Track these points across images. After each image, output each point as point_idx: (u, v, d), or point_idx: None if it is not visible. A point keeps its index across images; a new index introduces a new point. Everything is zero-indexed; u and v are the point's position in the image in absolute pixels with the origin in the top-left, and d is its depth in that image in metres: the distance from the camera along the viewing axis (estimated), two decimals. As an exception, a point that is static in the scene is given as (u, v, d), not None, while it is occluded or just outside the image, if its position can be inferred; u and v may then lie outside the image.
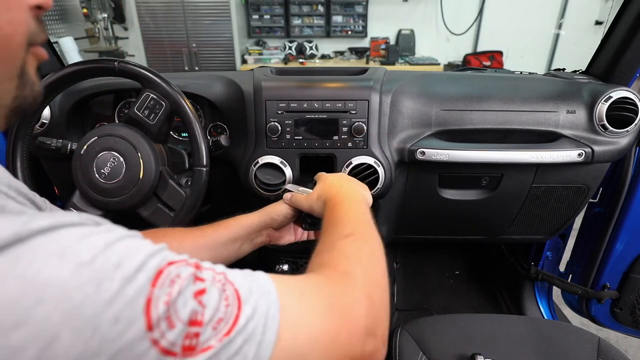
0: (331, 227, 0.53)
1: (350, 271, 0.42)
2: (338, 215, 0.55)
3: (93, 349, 0.24)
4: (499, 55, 3.98)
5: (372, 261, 0.46)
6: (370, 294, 0.40)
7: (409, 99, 0.92)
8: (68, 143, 0.84)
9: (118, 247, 0.28)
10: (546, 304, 1.34)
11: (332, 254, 0.46)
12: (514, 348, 0.81)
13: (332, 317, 0.36)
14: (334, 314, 0.36)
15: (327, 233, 0.52)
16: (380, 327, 0.39)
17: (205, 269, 0.32)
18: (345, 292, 0.39)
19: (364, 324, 0.37)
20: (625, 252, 1.05)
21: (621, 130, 0.88)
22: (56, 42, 2.95)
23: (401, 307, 1.49)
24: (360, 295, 0.39)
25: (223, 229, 0.68)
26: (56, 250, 0.25)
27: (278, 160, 0.88)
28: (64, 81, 0.79)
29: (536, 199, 1.01)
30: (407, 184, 0.99)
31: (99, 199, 0.79)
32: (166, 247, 0.32)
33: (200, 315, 0.28)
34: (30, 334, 0.22)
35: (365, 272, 0.43)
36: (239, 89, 0.92)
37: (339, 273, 0.42)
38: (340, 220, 0.53)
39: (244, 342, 0.30)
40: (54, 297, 0.23)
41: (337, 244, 0.48)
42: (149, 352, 0.26)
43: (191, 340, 0.27)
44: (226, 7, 3.59)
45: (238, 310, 0.31)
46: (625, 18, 0.90)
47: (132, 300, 0.26)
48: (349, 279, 0.41)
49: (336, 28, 4.07)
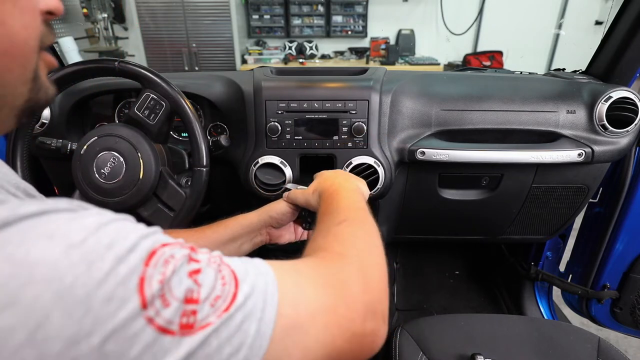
0: (325, 216, 0.53)
1: (345, 253, 0.43)
2: (332, 205, 0.55)
3: (86, 330, 0.23)
4: (499, 55, 3.98)
5: (367, 243, 0.47)
6: (365, 272, 0.41)
7: (409, 99, 0.92)
8: (68, 143, 0.84)
9: (110, 228, 0.28)
10: (546, 304, 1.34)
11: (326, 239, 0.47)
12: (514, 348, 0.81)
13: (329, 291, 0.36)
14: (330, 289, 0.37)
15: (322, 221, 0.53)
16: (379, 306, 0.39)
17: (200, 252, 0.32)
18: (341, 270, 0.40)
19: (362, 299, 0.38)
20: (625, 252, 1.05)
21: (621, 130, 0.88)
22: (56, 42, 2.94)
23: (401, 307, 1.49)
24: (355, 273, 0.40)
25: (222, 229, 0.68)
26: (45, 232, 0.25)
27: (278, 160, 0.88)
28: (64, 81, 0.79)
29: (536, 199, 1.01)
30: (407, 184, 0.99)
31: (99, 199, 0.79)
32: (160, 230, 0.31)
33: (196, 294, 0.28)
34: (21, 315, 0.22)
35: (359, 254, 0.44)
36: (239, 89, 0.92)
37: (333, 254, 0.43)
38: (335, 209, 0.54)
39: (244, 318, 0.30)
40: (44, 278, 0.23)
41: (332, 229, 0.48)
42: (145, 331, 0.25)
43: (188, 318, 0.27)
44: (226, 7, 3.59)
45: (235, 288, 0.31)
46: (625, 18, 0.90)
47: (124, 280, 0.25)
48: (343, 258, 0.42)
49: (336, 28, 4.07)
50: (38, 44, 0.35)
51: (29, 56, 0.34)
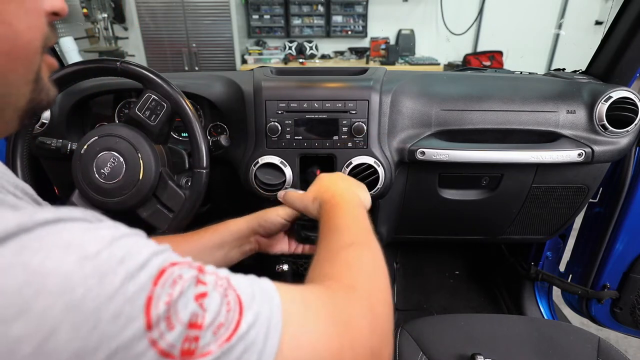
0: (330, 234, 0.51)
1: (354, 285, 0.41)
2: (336, 221, 0.54)
3: (91, 345, 0.23)
4: (499, 55, 3.98)
5: (376, 273, 0.45)
6: (374, 310, 0.40)
7: (409, 99, 0.92)
8: (68, 143, 0.84)
9: (123, 243, 0.28)
10: (546, 304, 1.34)
11: (333, 265, 0.45)
12: (514, 348, 0.81)
13: (336, 330, 0.35)
14: (337, 327, 0.35)
15: (327, 241, 0.51)
16: (385, 350, 0.38)
17: (208, 272, 0.32)
18: (350, 305, 0.38)
19: (369, 343, 0.37)
20: (625, 252, 1.05)
21: (621, 130, 0.88)
22: (56, 42, 2.95)
23: (401, 307, 1.49)
24: (364, 311, 0.38)
25: (209, 235, 0.66)
26: (62, 241, 0.25)
27: (278, 160, 0.88)
28: (65, 81, 0.79)
29: (536, 199, 1.01)
30: (407, 184, 0.99)
31: (99, 199, 0.79)
32: (170, 248, 0.31)
33: (200, 319, 0.28)
34: (31, 325, 0.22)
35: (369, 286, 0.42)
36: (239, 89, 0.92)
37: (342, 285, 0.41)
38: (340, 228, 0.52)
39: (245, 349, 0.29)
40: (56, 288, 0.23)
41: (340, 254, 0.47)
42: (147, 353, 0.25)
43: (190, 344, 0.27)
44: (226, 7, 3.59)
45: (240, 315, 0.30)
46: (625, 18, 0.90)
47: (133, 298, 0.25)
48: (352, 292, 0.40)
49: (336, 28, 4.07)
50: (42, 45, 0.35)
51: (33, 57, 0.34)
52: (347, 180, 0.67)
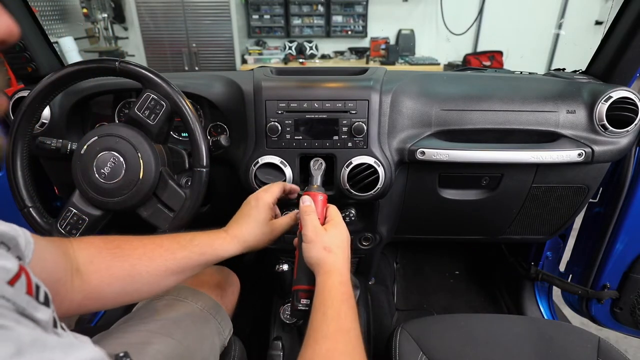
0: (325, 317, 0.55)
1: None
2: (334, 305, 0.56)
3: None
4: (499, 55, 3.99)
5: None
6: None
7: (409, 99, 0.92)
8: (68, 143, 0.84)
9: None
10: (546, 304, 1.34)
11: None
12: (514, 348, 0.81)
13: None
14: None
15: (322, 322, 0.54)
16: None
17: None
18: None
19: None
20: (625, 252, 1.05)
21: (621, 130, 0.88)
22: (56, 42, 2.95)
23: (401, 307, 1.49)
24: None
25: (196, 257, 0.65)
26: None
27: (278, 160, 0.88)
28: (64, 81, 0.79)
29: (536, 199, 1.01)
30: (407, 184, 0.99)
31: (99, 199, 0.79)
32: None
33: None
34: None
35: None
36: (239, 89, 0.92)
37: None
38: (338, 314, 0.55)
39: None
40: None
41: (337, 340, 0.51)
42: None
43: None
44: (226, 7, 3.60)
45: None
46: (625, 18, 0.90)
47: None
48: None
49: (336, 28, 4.07)
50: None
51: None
52: (349, 248, 0.68)
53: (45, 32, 0.99)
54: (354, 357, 0.50)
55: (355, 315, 0.56)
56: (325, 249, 0.63)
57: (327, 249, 0.63)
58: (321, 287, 0.59)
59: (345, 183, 0.88)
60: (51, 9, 3.11)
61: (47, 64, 0.99)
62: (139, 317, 0.73)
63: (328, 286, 0.58)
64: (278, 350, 0.89)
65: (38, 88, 0.78)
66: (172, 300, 0.79)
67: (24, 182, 0.81)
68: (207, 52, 3.79)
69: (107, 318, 1.30)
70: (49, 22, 3.08)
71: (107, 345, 0.64)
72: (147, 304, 0.78)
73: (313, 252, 0.63)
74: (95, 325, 1.29)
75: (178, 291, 0.81)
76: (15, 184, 0.80)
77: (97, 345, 0.31)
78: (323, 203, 0.71)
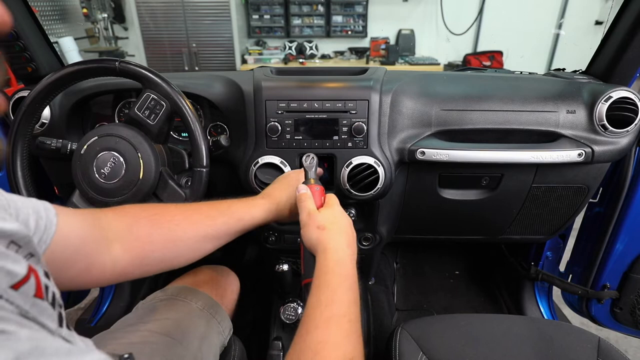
0: (319, 303, 0.53)
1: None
2: (329, 288, 0.54)
3: None
4: (499, 55, 3.98)
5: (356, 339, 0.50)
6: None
7: (409, 99, 0.92)
8: (68, 143, 0.84)
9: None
10: (546, 304, 1.34)
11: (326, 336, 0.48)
12: (514, 348, 0.81)
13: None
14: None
15: (315, 308, 0.52)
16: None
17: None
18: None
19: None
20: (625, 252, 1.05)
21: (621, 130, 0.88)
22: (56, 42, 2.95)
23: (401, 307, 1.49)
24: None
25: (234, 222, 0.66)
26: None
27: (278, 160, 0.88)
28: (64, 81, 0.79)
29: (536, 199, 1.01)
30: (407, 184, 0.99)
31: (99, 199, 0.79)
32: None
33: None
34: None
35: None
36: (239, 89, 0.92)
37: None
38: (332, 299, 0.53)
39: None
40: None
41: (333, 324, 0.50)
42: None
43: None
44: (226, 7, 3.60)
45: None
46: (625, 18, 0.90)
47: None
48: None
49: (336, 28, 4.07)
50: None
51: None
52: (346, 232, 0.65)
53: (45, 32, 0.99)
54: (346, 347, 0.47)
55: (353, 297, 0.54)
56: (319, 228, 0.62)
57: (320, 227, 0.62)
58: (318, 269, 0.57)
59: (346, 183, 0.88)
60: (51, 9, 3.12)
61: (47, 64, 0.99)
62: (139, 317, 0.73)
63: (324, 268, 0.57)
64: (278, 350, 0.89)
65: (38, 88, 0.78)
66: (172, 300, 0.79)
67: (24, 182, 0.81)
68: (207, 52, 3.78)
69: (107, 318, 1.30)
70: (49, 22, 3.08)
71: (107, 345, 0.64)
72: (147, 304, 0.78)
73: (308, 234, 0.63)
74: (95, 325, 1.29)
75: (178, 291, 0.81)
76: (15, 184, 0.80)
77: (98, 346, 0.31)
78: (320, 193, 0.71)
